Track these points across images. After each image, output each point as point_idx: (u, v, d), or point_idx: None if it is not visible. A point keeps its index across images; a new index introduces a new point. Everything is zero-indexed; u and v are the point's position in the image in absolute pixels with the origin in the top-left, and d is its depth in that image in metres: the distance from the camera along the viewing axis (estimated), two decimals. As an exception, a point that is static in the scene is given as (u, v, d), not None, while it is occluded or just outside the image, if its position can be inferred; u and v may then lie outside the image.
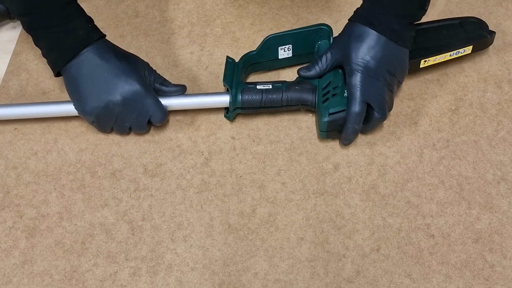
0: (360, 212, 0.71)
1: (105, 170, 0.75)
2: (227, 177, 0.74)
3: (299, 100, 0.76)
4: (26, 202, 0.72)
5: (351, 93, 0.71)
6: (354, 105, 0.71)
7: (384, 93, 0.72)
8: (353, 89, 0.71)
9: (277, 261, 0.67)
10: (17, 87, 0.83)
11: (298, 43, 0.81)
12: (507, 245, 0.68)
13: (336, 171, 0.74)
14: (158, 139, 0.78)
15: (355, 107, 0.71)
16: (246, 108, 0.76)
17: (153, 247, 0.69)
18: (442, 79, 0.83)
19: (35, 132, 0.78)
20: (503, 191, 0.72)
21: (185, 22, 0.91)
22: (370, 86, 0.71)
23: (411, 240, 0.69)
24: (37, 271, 0.67)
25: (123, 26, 0.91)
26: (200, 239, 0.69)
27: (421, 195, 0.72)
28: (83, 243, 0.69)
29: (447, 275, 0.66)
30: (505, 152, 0.76)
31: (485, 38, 0.81)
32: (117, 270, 0.67)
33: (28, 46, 0.88)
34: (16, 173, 0.75)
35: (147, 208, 0.72)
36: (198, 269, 0.67)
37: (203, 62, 0.86)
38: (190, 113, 0.80)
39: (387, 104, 0.73)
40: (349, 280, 0.66)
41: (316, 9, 0.92)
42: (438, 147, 0.76)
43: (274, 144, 0.77)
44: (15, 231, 0.70)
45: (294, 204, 0.72)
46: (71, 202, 0.72)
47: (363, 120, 0.73)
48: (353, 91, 0.71)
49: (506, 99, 0.81)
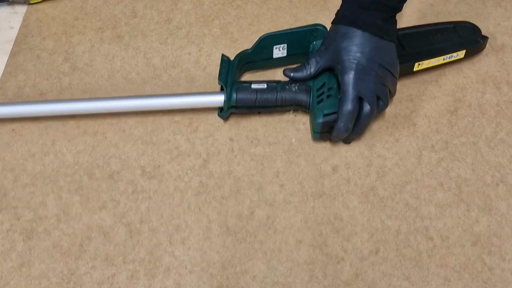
0: (358, 214, 0.71)
1: (102, 172, 0.74)
2: (225, 179, 0.74)
3: (294, 100, 0.76)
4: (23, 205, 0.72)
5: (343, 91, 0.71)
6: (346, 103, 0.71)
7: (375, 86, 0.71)
8: (345, 86, 0.71)
9: (276, 264, 0.67)
10: (15, 88, 0.83)
11: (293, 43, 0.81)
12: (506, 247, 0.68)
13: (334, 173, 0.74)
14: (156, 140, 0.77)
15: (347, 105, 0.71)
16: (240, 107, 0.76)
17: (151, 249, 0.68)
18: (441, 80, 0.83)
19: (32, 134, 0.78)
20: (502, 193, 0.72)
21: (183, 22, 0.91)
22: (362, 81, 0.71)
23: (409, 243, 0.69)
24: (35, 274, 0.67)
25: (121, 27, 0.90)
26: (198, 242, 0.69)
27: (419, 197, 0.72)
28: (81, 245, 0.69)
29: (446, 278, 0.66)
30: (504, 153, 0.76)
31: (478, 44, 0.82)
32: (115, 273, 0.67)
33: (25, 47, 0.88)
34: (14, 175, 0.74)
35: (145, 210, 0.71)
36: (196, 272, 0.67)
37: (201, 63, 0.86)
38: (188, 115, 0.79)
39: (381, 99, 0.72)
40: (348, 283, 0.66)
41: (314, 10, 0.92)
42: (436, 149, 0.76)
43: (272, 146, 0.77)
44: (12, 234, 0.70)
45: (293, 206, 0.71)
46: (69, 204, 0.72)
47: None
48: (346, 88, 0.71)
49: (505, 100, 0.81)
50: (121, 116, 0.79)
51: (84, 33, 0.90)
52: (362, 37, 0.71)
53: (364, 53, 0.71)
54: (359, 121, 0.73)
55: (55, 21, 0.91)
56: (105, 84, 0.83)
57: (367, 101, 0.71)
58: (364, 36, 0.71)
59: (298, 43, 0.81)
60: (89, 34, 0.89)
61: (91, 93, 0.82)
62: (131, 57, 0.86)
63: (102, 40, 0.89)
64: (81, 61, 0.86)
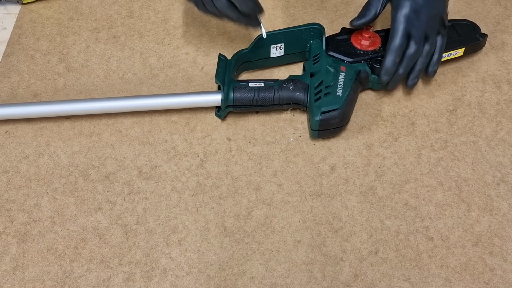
0: (357, 214, 0.70)
1: (98, 173, 0.73)
2: (223, 179, 0.73)
3: (291, 98, 0.75)
4: (17, 207, 0.71)
5: (393, 27, 0.72)
6: (395, 38, 0.72)
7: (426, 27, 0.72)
8: (396, 22, 0.72)
9: (274, 265, 0.66)
10: (8, 90, 0.82)
11: (290, 42, 0.80)
12: (507, 248, 0.67)
13: (332, 172, 0.73)
14: (153, 141, 0.76)
15: (395, 40, 0.72)
16: (237, 106, 0.76)
17: (147, 251, 0.67)
18: (440, 79, 0.82)
19: (26, 135, 0.77)
20: (503, 192, 0.71)
21: (180, 22, 0.90)
22: (414, 20, 0.71)
23: (409, 243, 0.68)
24: (29, 277, 0.66)
25: (117, 27, 0.89)
26: (195, 243, 0.68)
27: (419, 196, 0.71)
28: (76, 248, 0.68)
29: (446, 278, 0.65)
30: (505, 153, 0.75)
31: (478, 41, 0.82)
32: (110, 276, 0.66)
33: (19, 47, 0.87)
34: (7, 177, 0.73)
35: (142, 211, 0.70)
36: (193, 273, 0.66)
37: (199, 63, 0.85)
38: (185, 114, 0.79)
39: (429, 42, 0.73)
40: (347, 284, 0.65)
41: (312, 9, 0.91)
42: (436, 148, 0.75)
43: (270, 145, 0.76)
44: (5, 237, 0.69)
45: (291, 206, 0.71)
46: (64, 206, 0.71)
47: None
48: (397, 24, 0.72)
49: (505, 99, 0.80)
50: (117, 116, 0.79)
51: (79, 33, 0.89)
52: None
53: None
54: (403, 60, 0.73)
55: (49, 22, 0.90)
56: (101, 84, 0.83)
57: (414, 40, 0.72)
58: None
59: (296, 42, 0.81)
60: (84, 35, 0.89)
61: (86, 94, 0.81)
62: (128, 57, 0.86)
63: (97, 41, 0.88)
64: (76, 62, 0.85)
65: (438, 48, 0.76)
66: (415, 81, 0.77)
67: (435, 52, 0.76)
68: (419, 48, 0.73)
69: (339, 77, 0.75)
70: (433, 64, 0.76)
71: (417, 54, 0.73)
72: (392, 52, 0.73)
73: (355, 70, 0.76)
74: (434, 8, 0.73)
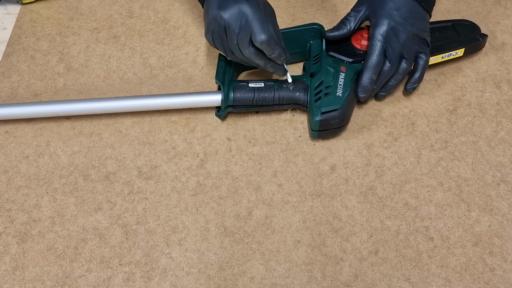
0: (357, 214, 0.70)
1: (98, 173, 0.73)
2: (223, 179, 0.73)
3: (291, 99, 0.75)
4: (17, 207, 0.71)
5: (371, 44, 0.73)
6: (372, 56, 0.73)
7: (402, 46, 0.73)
8: (374, 40, 0.73)
9: (274, 265, 0.66)
10: (8, 90, 0.82)
11: (290, 42, 0.80)
12: (507, 248, 0.67)
13: (332, 173, 0.73)
14: (153, 140, 0.76)
15: (372, 58, 0.73)
16: (237, 106, 0.76)
17: (147, 251, 0.67)
18: (440, 79, 0.82)
19: (26, 135, 0.77)
20: (503, 193, 0.71)
21: (180, 22, 0.90)
22: (391, 38, 0.72)
23: (409, 243, 0.68)
24: (29, 277, 0.66)
25: (117, 27, 0.89)
26: (195, 243, 0.68)
27: (419, 197, 0.71)
28: (76, 248, 0.68)
29: (446, 278, 0.65)
30: (505, 153, 0.75)
31: (478, 41, 0.81)
32: (110, 276, 0.66)
33: (19, 47, 0.87)
34: (7, 177, 0.73)
35: (142, 211, 0.70)
36: (193, 273, 0.66)
37: (199, 63, 0.85)
38: (185, 114, 0.79)
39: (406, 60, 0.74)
40: (347, 284, 0.65)
41: (312, 9, 0.91)
42: (436, 148, 0.75)
43: (270, 145, 0.76)
44: (6, 237, 0.69)
45: (291, 206, 0.71)
46: (64, 206, 0.71)
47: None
48: (375, 42, 0.73)
49: (505, 99, 0.80)
50: (117, 116, 0.79)
51: (79, 33, 0.89)
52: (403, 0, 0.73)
53: (400, 12, 0.72)
54: (379, 76, 0.74)
55: (49, 22, 0.90)
56: (101, 84, 0.83)
57: (389, 58, 0.73)
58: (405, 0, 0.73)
59: (296, 42, 0.81)
60: (84, 35, 0.89)
61: (86, 94, 0.81)
62: (128, 57, 0.86)
63: (97, 41, 0.88)
64: (76, 62, 0.85)
65: (420, 68, 0.76)
66: (384, 95, 0.78)
67: (416, 71, 0.76)
68: (393, 66, 0.74)
69: (339, 77, 0.75)
70: (413, 82, 0.77)
71: (390, 71, 0.74)
72: (368, 70, 0.73)
73: (355, 70, 0.76)
74: (414, 26, 0.73)
